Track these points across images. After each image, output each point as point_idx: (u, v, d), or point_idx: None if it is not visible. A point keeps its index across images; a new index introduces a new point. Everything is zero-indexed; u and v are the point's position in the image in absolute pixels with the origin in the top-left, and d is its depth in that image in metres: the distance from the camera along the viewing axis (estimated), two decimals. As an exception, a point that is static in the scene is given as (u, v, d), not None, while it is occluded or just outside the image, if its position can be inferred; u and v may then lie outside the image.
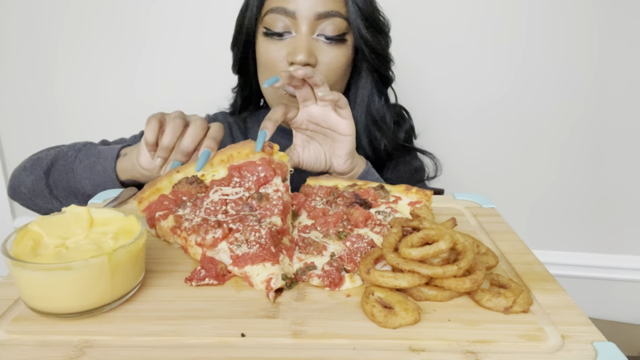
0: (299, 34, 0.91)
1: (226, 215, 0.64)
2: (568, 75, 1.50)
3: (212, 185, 0.69)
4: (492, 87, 1.54)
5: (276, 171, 0.71)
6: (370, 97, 1.03)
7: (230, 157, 0.73)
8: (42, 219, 0.53)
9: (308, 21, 0.90)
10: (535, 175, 1.64)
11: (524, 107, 1.56)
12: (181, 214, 0.64)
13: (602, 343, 0.45)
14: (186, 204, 0.66)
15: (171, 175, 0.71)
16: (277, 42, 0.93)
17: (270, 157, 0.73)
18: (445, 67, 1.53)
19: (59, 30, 1.58)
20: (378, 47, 0.98)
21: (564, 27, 1.46)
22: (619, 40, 1.46)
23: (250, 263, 0.55)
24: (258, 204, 0.65)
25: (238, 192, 0.68)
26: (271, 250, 0.56)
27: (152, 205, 0.68)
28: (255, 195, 0.67)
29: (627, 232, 1.67)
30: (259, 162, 0.71)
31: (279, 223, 0.63)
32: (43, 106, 1.68)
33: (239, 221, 0.62)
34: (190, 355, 0.43)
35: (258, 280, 0.53)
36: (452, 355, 0.43)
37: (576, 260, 1.71)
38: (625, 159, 1.58)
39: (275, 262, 0.55)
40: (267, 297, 0.52)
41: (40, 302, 0.47)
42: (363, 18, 0.94)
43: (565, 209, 1.67)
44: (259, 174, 0.70)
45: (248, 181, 0.70)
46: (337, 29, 0.92)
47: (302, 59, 0.88)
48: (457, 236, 0.53)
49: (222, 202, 0.66)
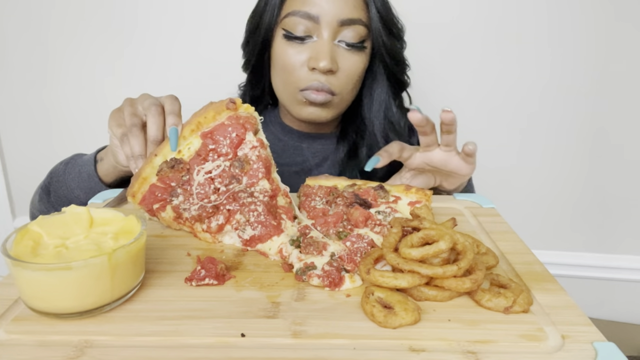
0: (320, 39, 0.90)
1: (218, 194, 0.66)
2: (572, 75, 1.50)
3: (192, 166, 0.69)
4: (495, 88, 1.54)
5: (245, 126, 0.70)
6: (387, 102, 1.03)
7: (198, 124, 0.72)
8: (42, 219, 0.53)
9: (331, 27, 0.89)
10: (535, 175, 1.64)
11: (524, 108, 1.56)
12: (177, 203, 0.65)
13: (602, 343, 0.45)
14: (177, 192, 0.67)
15: (151, 161, 0.70)
16: (298, 46, 0.91)
17: (236, 112, 0.72)
18: (446, 68, 1.53)
19: (58, 30, 1.58)
20: (396, 52, 0.98)
21: (564, 28, 1.46)
22: (620, 41, 1.46)
23: (260, 242, 0.62)
24: (241, 171, 0.67)
25: (219, 164, 0.69)
26: (272, 224, 0.63)
27: (146, 198, 0.68)
28: (236, 163, 0.68)
29: (627, 232, 1.67)
30: (227, 122, 0.70)
31: (268, 186, 0.66)
32: (43, 106, 1.68)
33: (234, 200, 0.65)
34: (190, 355, 0.43)
35: (272, 253, 0.61)
36: (452, 355, 0.43)
37: (576, 260, 1.71)
38: (625, 159, 1.58)
39: (279, 232, 0.63)
40: (286, 265, 0.58)
41: (40, 302, 0.47)
42: (383, 24, 0.94)
43: (565, 209, 1.67)
44: (230, 135, 0.70)
45: (223, 146, 0.69)
46: (358, 36, 0.91)
47: (325, 65, 0.88)
48: (457, 236, 0.53)
49: (209, 182, 0.67)
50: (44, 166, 1.81)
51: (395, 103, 1.04)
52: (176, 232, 0.68)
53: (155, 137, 0.73)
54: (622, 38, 1.45)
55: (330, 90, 0.92)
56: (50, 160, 1.02)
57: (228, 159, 0.69)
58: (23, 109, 1.69)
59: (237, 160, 0.68)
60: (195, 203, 0.65)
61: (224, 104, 0.71)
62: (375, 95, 1.03)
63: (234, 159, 0.68)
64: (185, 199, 0.66)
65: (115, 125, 0.76)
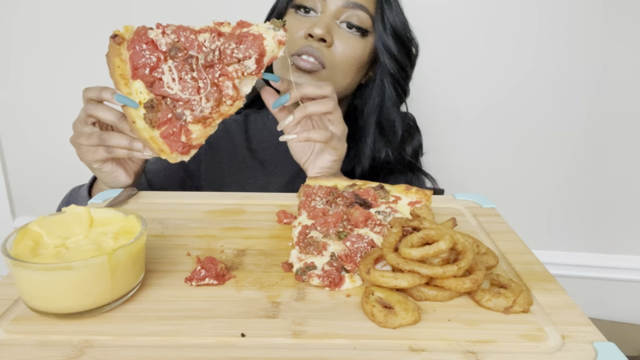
0: (324, 13, 0.94)
1: (199, 77, 0.70)
2: (573, 76, 1.50)
3: (159, 91, 0.71)
4: (496, 88, 1.54)
5: (142, 39, 0.72)
6: (383, 103, 1.03)
7: (121, 75, 0.72)
8: (42, 219, 0.53)
9: (336, 5, 0.93)
10: (535, 175, 1.64)
11: (525, 108, 1.55)
12: (190, 117, 0.71)
13: (602, 343, 0.45)
14: (179, 112, 0.71)
15: (137, 129, 0.71)
16: (301, 17, 0.96)
17: (125, 40, 0.73)
18: (447, 68, 1.53)
19: (59, 30, 1.58)
20: (397, 55, 0.99)
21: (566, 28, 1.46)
22: (621, 42, 1.46)
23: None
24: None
25: (164, 70, 0.71)
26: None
27: (170, 144, 0.71)
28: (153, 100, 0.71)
29: (627, 232, 1.67)
30: (133, 51, 0.72)
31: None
32: (43, 106, 1.68)
33: (211, 67, 0.70)
34: (190, 355, 0.43)
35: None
36: (452, 355, 0.43)
37: (576, 260, 1.70)
38: (625, 159, 1.58)
39: None
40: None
41: (40, 302, 0.47)
42: (387, 23, 0.97)
43: (565, 209, 1.67)
44: (145, 54, 0.71)
45: (148, 65, 0.71)
46: (360, 22, 0.95)
47: (318, 32, 0.90)
48: (457, 236, 0.53)
49: (183, 83, 0.70)
50: (44, 166, 1.81)
51: (392, 106, 1.04)
52: (176, 232, 0.68)
53: (115, 118, 0.75)
54: (622, 38, 1.45)
55: (321, 60, 0.92)
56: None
57: (164, 63, 0.71)
58: (23, 109, 1.69)
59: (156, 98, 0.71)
60: (199, 102, 0.68)
61: (111, 43, 0.73)
62: (373, 95, 1.03)
63: (169, 55, 0.71)
64: (189, 108, 0.69)
65: (86, 154, 0.78)
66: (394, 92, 1.03)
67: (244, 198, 0.82)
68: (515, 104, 1.55)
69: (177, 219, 0.73)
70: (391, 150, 1.03)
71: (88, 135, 0.77)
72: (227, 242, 0.66)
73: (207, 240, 0.66)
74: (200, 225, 0.71)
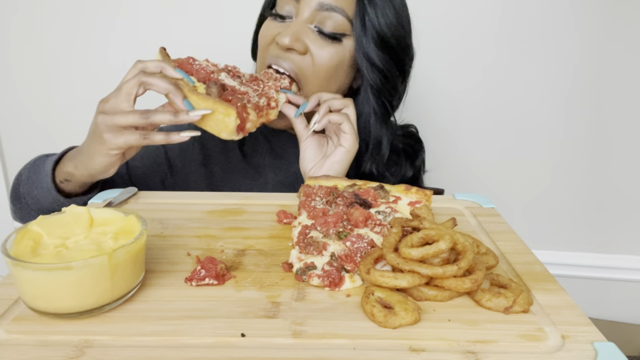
0: (296, 19, 0.89)
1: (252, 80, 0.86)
2: (573, 76, 1.50)
3: (222, 82, 0.78)
4: (496, 87, 1.54)
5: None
6: (369, 117, 0.94)
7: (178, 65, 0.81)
8: (42, 219, 0.53)
9: (310, 9, 0.87)
10: (535, 175, 1.64)
11: (525, 108, 1.55)
12: (256, 99, 0.80)
13: (602, 343, 0.45)
14: (245, 98, 0.78)
15: (198, 99, 0.72)
16: (277, 24, 0.91)
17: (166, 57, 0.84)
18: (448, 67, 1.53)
19: (59, 30, 1.58)
20: (381, 63, 0.90)
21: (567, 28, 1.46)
22: (621, 43, 1.46)
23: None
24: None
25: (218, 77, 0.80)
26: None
27: (240, 125, 0.75)
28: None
29: (627, 232, 1.67)
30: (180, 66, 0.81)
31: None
32: (43, 106, 1.68)
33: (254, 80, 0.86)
34: (190, 355, 0.43)
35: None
36: (452, 355, 0.43)
37: (576, 260, 1.71)
38: (625, 159, 1.58)
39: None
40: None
41: (40, 302, 0.47)
42: (369, 25, 0.88)
43: (565, 209, 1.67)
44: (202, 68, 0.81)
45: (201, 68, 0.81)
46: (335, 26, 0.87)
47: (284, 41, 0.86)
48: (457, 236, 0.53)
49: (237, 80, 0.82)
50: (44, 166, 1.79)
51: (377, 122, 0.95)
52: (176, 232, 0.68)
53: (171, 85, 0.73)
54: (623, 38, 1.45)
55: (291, 69, 0.89)
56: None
57: (218, 74, 0.81)
58: (23, 109, 1.69)
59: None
60: (254, 96, 0.81)
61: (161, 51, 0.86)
62: (357, 107, 0.93)
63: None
64: (246, 99, 0.77)
65: (117, 136, 0.71)
66: (378, 107, 0.94)
67: (244, 198, 0.82)
68: (516, 104, 1.55)
69: (177, 219, 0.73)
70: (375, 166, 0.96)
71: (127, 114, 0.70)
72: (227, 242, 0.66)
73: (207, 240, 0.66)
74: (200, 225, 0.71)
